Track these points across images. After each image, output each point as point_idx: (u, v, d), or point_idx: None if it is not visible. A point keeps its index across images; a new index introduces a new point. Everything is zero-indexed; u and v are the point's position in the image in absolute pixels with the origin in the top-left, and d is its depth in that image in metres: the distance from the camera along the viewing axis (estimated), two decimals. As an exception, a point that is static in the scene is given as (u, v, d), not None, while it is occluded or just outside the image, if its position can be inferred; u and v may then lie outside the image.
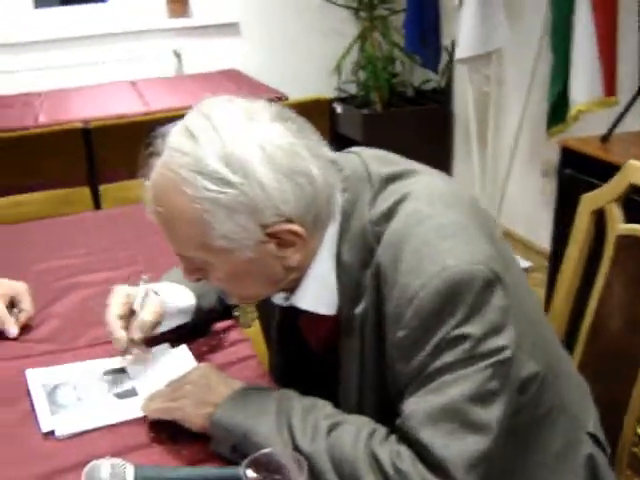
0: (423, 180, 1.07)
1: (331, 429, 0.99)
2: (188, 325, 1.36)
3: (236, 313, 1.44)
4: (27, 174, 3.02)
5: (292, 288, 1.10)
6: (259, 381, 1.21)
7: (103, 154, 3.02)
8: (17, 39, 4.18)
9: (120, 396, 1.21)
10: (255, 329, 1.40)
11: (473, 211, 1.06)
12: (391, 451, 0.94)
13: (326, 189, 1.01)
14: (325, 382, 1.09)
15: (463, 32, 3.46)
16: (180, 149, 0.97)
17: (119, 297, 1.29)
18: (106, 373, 1.28)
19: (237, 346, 1.35)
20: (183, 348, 1.33)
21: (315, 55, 4.67)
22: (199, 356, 1.31)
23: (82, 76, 4.21)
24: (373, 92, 4.44)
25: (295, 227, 0.99)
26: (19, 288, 1.49)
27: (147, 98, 3.65)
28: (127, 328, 1.26)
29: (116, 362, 1.30)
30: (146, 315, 1.26)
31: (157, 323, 1.28)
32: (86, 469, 0.98)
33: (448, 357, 0.94)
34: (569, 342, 1.48)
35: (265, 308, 1.27)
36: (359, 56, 4.63)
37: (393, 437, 0.97)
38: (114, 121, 3.06)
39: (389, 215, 1.02)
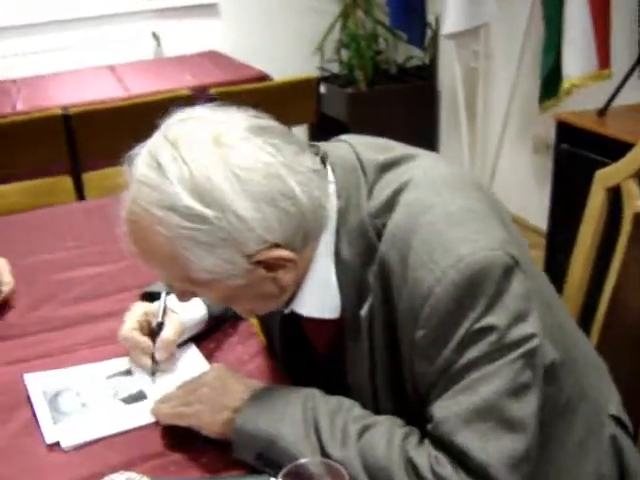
0: (422, 165, 0.99)
1: (362, 433, 0.92)
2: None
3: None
4: (4, 165, 2.91)
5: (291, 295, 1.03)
6: (275, 376, 1.14)
7: (85, 141, 2.92)
8: (-10, 25, 4.03)
9: (127, 401, 1.14)
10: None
11: (480, 194, 0.99)
12: (429, 456, 0.88)
13: (312, 205, 0.92)
14: (335, 385, 1.01)
15: (450, 7, 3.38)
16: (148, 183, 0.88)
17: (136, 314, 1.22)
18: (110, 376, 1.20)
19: (247, 342, 1.28)
20: (191, 347, 1.25)
21: (296, 34, 4.56)
22: (208, 354, 1.24)
23: (58, 62, 4.08)
24: (357, 70, 4.35)
25: (283, 253, 0.91)
26: None
27: (127, 82, 3.55)
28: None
29: (120, 364, 1.22)
30: (169, 334, 1.20)
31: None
32: (100, 484, 0.90)
33: (474, 352, 0.87)
34: (585, 323, 1.43)
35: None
36: (341, 34, 4.54)
37: (427, 442, 0.90)
38: (95, 107, 2.96)
39: (389, 206, 0.94)
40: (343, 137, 1.06)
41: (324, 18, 4.43)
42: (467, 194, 0.96)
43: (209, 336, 1.29)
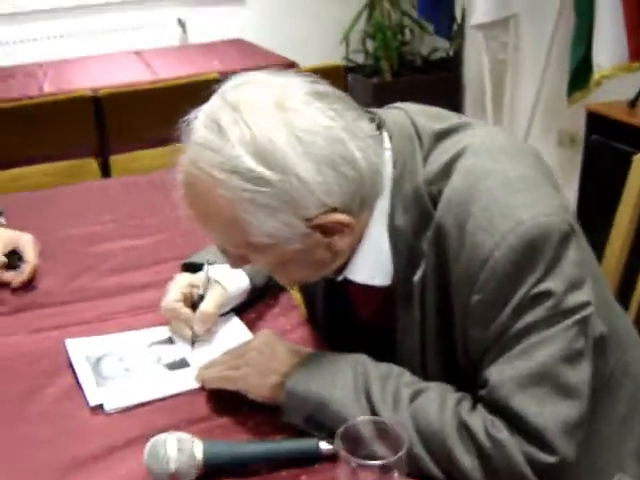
0: (480, 133, 0.99)
1: (413, 397, 0.91)
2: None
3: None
4: (31, 145, 2.92)
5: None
6: (318, 346, 1.13)
7: (114, 123, 2.91)
8: (15, 9, 4.04)
9: (171, 367, 1.13)
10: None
11: (536, 162, 0.99)
12: (484, 420, 0.87)
13: (370, 170, 0.92)
14: (380, 355, 1.00)
15: (481, -3, 3.36)
16: (208, 146, 0.88)
17: (180, 285, 1.21)
18: (152, 344, 1.19)
19: (288, 313, 1.27)
20: (233, 317, 1.25)
21: (321, 25, 4.55)
22: (250, 325, 1.23)
23: (84, 46, 4.10)
24: (382, 61, 4.34)
25: (341, 217, 0.91)
26: (20, 239, 1.42)
27: (154, 67, 3.55)
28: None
29: (161, 332, 1.22)
30: (208, 307, 1.18)
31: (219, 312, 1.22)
32: (149, 444, 0.89)
33: (530, 317, 0.87)
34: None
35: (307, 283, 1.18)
36: (366, 25, 4.53)
37: (481, 407, 0.89)
38: (125, 88, 2.96)
39: (446, 173, 0.94)
40: (398, 104, 1.05)
41: (349, 8, 4.43)
42: (524, 161, 0.96)
43: (250, 307, 1.28)
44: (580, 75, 2.99)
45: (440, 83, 4.35)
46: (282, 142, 0.86)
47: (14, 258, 1.42)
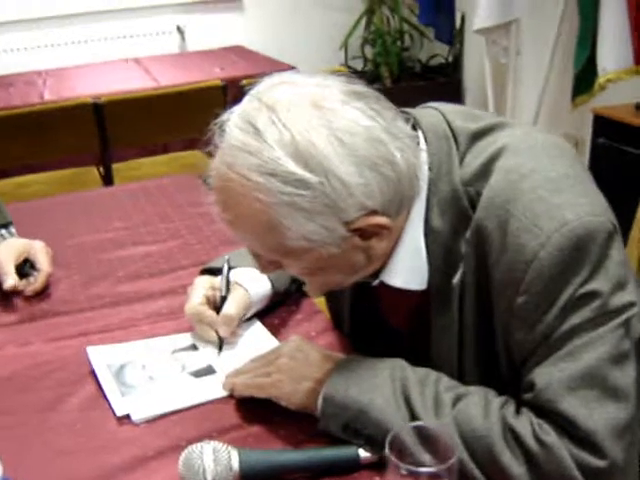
0: (518, 132, 0.97)
1: (455, 401, 0.89)
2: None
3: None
4: (33, 155, 2.90)
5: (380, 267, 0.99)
6: (346, 352, 1.10)
7: (115, 130, 2.89)
8: (14, 17, 4.01)
9: (197, 374, 1.10)
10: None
11: (577, 161, 0.97)
12: (531, 423, 0.85)
13: (409, 172, 0.89)
14: (412, 362, 0.98)
15: (482, 1, 3.35)
16: (245, 148, 0.84)
17: (202, 288, 1.19)
18: (175, 351, 1.16)
19: (312, 318, 1.24)
20: (256, 322, 1.22)
21: (320, 31, 4.55)
22: (273, 331, 1.20)
23: (83, 54, 4.08)
24: (382, 67, 4.33)
25: (381, 219, 0.88)
26: (32, 247, 1.40)
27: (155, 74, 3.53)
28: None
29: (183, 339, 1.19)
30: (231, 309, 1.16)
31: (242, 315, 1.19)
32: (184, 455, 0.87)
33: (577, 318, 0.85)
34: None
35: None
36: (365, 32, 4.52)
37: (526, 410, 0.87)
38: (126, 95, 2.93)
39: (484, 173, 0.92)
40: (432, 104, 1.02)
41: (348, 15, 4.42)
42: (565, 160, 0.93)
43: (272, 313, 1.25)
44: (584, 78, 2.98)
45: (440, 89, 4.34)
46: (322, 143, 0.83)
47: (26, 266, 1.40)
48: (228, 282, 1.19)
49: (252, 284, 1.21)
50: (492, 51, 3.63)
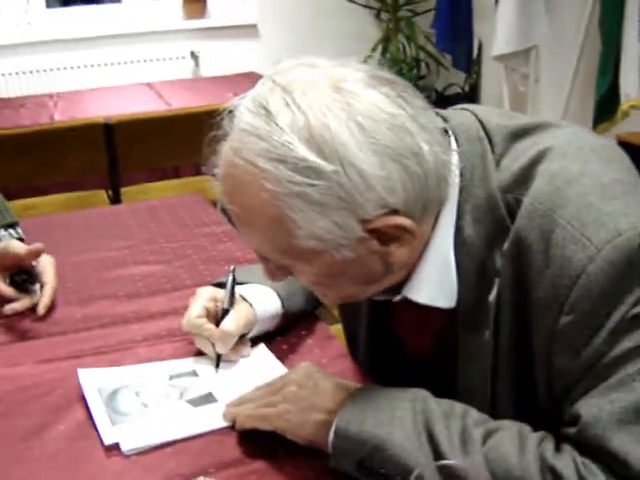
0: (565, 132, 0.87)
1: (486, 437, 0.78)
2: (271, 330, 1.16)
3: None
4: (41, 175, 2.83)
5: (402, 281, 0.89)
6: (360, 381, 1.00)
7: (125, 152, 2.81)
8: (27, 39, 3.99)
9: (195, 403, 1.00)
10: (338, 327, 1.19)
11: (630, 165, 0.86)
12: (575, 463, 0.74)
13: (438, 169, 0.80)
14: (435, 392, 0.87)
15: (500, 27, 3.30)
16: (255, 132, 0.76)
17: (203, 298, 1.09)
18: (173, 377, 1.06)
19: (325, 344, 1.14)
20: (262, 347, 1.12)
21: (336, 58, 4.49)
22: (281, 357, 1.10)
23: (95, 78, 4.04)
24: (398, 95, 4.28)
25: (402, 220, 0.78)
26: (40, 259, 1.30)
27: (167, 98, 3.47)
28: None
29: (183, 364, 1.09)
30: (230, 324, 1.06)
31: (244, 333, 1.09)
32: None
33: (629, 342, 0.75)
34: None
35: (350, 307, 1.06)
36: (380, 60, 4.47)
37: (568, 447, 0.76)
38: (137, 116, 2.87)
39: (525, 177, 0.82)
40: (462, 105, 0.93)
41: (364, 42, 4.37)
42: (618, 164, 0.84)
43: (281, 337, 1.16)
44: (606, 106, 2.91)
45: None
46: (340, 129, 0.74)
47: (20, 278, 1.29)
48: (232, 294, 1.09)
49: (259, 300, 1.11)
50: (511, 79, 3.57)
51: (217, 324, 1.07)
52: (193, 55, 4.24)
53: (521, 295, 0.81)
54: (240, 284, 1.12)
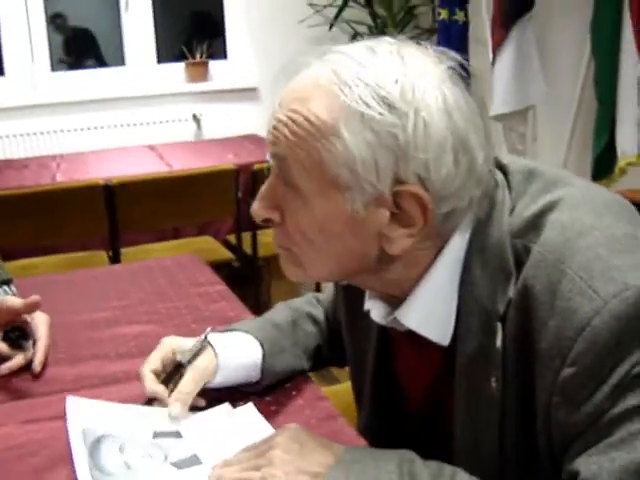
0: (579, 184, 0.87)
1: (474, 501, 0.76)
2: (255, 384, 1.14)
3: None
4: (41, 236, 2.84)
5: (399, 302, 0.89)
6: (350, 443, 0.98)
7: (125, 213, 2.83)
8: (32, 102, 4.05)
9: (180, 465, 0.98)
10: (335, 389, 1.18)
11: None
12: None
13: (476, 186, 0.81)
14: (437, 447, 0.86)
15: (498, 88, 3.34)
16: (353, 56, 0.81)
17: (162, 351, 1.10)
18: (157, 435, 1.04)
19: (314, 405, 1.12)
20: (250, 407, 1.10)
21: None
22: (269, 417, 1.08)
23: (99, 140, 4.09)
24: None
25: (426, 199, 0.79)
26: (36, 316, 1.29)
27: (168, 160, 3.51)
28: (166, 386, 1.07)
29: (168, 422, 1.07)
30: (184, 386, 1.05)
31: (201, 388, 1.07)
32: None
33: (632, 400, 0.73)
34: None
35: (358, 354, 1.07)
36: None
37: None
38: (138, 177, 2.90)
39: (534, 226, 0.82)
40: None
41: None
42: (629, 220, 0.83)
43: (270, 398, 1.14)
44: (604, 163, 2.93)
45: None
46: (429, 88, 0.78)
47: (14, 334, 1.28)
48: (196, 354, 1.07)
49: (230, 348, 1.09)
50: (509, 138, 3.59)
51: (168, 376, 1.07)
52: (195, 118, 4.30)
53: (525, 345, 0.80)
54: (231, 330, 1.12)
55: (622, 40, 2.82)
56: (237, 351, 1.10)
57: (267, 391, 1.15)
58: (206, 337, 1.09)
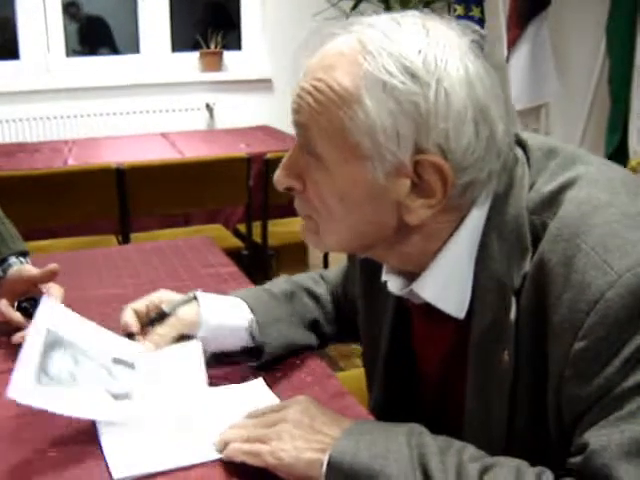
0: (597, 162, 0.88)
1: (482, 473, 0.77)
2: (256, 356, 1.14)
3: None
4: (51, 217, 2.84)
5: (416, 277, 0.90)
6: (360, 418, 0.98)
7: (136, 198, 2.84)
8: (46, 86, 4.07)
9: (116, 396, 0.98)
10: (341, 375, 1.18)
11: None
12: None
13: (495, 158, 0.82)
14: (447, 427, 0.86)
15: (512, 85, 3.34)
16: (378, 27, 0.82)
17: (150, 297, 1.13)
18: (116, 360, 1.04)
19: (323, 383, 1.12)
20: (259, 381, 1.10)
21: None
22: (277, 391, 1.08)
23: (111, 126, 4.11)
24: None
25: (447, 170, 0.80)
26: (52, 287, 1.31)
27: (181, 148, 3.52)
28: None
29: (131, 352, 1.07)
30: (159, 328, 1.08)
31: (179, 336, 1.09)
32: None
33: None
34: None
35: (374, 328, 1.07)
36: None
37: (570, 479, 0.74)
38: (150, 162, 2.90)
39: (552, 203, 0.83)
40: None
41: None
42: None
43: (279, 374, 1.14)
44: (616, 161, 2.92)
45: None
46: (452, 60, 0.79)
47: (28, 303, 1.30)
48: (182, 302, 1.11)
49: (216, 306, 1.10)
50: (521, 135, 3.60)
51: (150, 322, 1.09)
52: (208, 107, 4.31)
53: (539, 318, 0.80)
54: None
55: (637, 39, 2.82)
56: (223, 311, 1.12)
57: (275, 367, 1.15)
58: (191, 298, 1.11)
